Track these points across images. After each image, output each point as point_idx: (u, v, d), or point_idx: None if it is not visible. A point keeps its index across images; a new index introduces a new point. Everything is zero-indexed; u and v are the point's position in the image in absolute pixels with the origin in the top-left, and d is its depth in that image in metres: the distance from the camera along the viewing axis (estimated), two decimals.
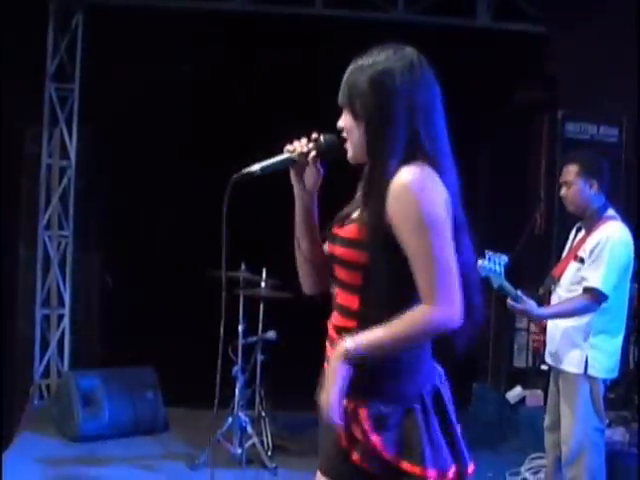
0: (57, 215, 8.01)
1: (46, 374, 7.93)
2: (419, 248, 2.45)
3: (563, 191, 5.00)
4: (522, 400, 7.15)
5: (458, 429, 2.66)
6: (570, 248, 5.04)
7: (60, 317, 8.02)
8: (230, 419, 6.30)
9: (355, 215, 2.65)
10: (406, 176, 2.47)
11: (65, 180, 7.99)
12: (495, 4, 8.15)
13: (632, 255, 4.82)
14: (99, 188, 8.56)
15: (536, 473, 5.93)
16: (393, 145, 2.53)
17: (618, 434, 5.89)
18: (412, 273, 2.47)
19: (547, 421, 5.16)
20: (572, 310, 4.78)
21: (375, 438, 2.54)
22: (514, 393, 7.18)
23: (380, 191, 2.50)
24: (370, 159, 2.60)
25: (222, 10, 8.05)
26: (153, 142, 9.10)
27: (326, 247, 2.76)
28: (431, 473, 2.53)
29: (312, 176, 2.74)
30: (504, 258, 4.60)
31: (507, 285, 4.65)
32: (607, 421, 5.83)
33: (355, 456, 2.59)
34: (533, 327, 5.27)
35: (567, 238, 5.21)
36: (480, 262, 4.49)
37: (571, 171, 4.94)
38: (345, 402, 2.56)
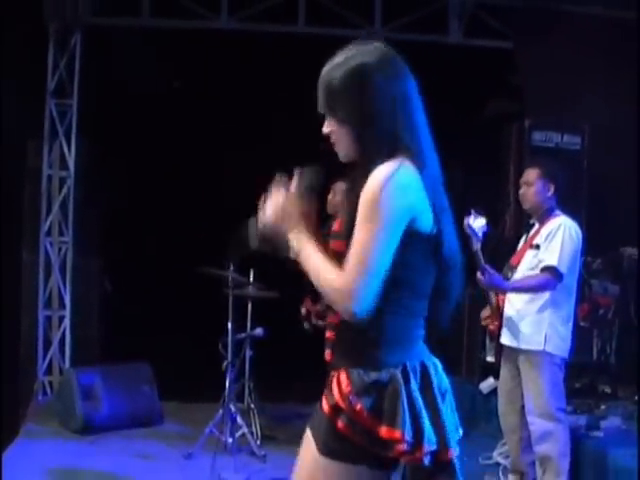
0: (58, 222, 8.04)
1: (49, 371, 7.96)
2: (361, 233, 2.37)
3: (522, 190, 5.25)
4: (494, 390, 7.20)
5: (443, 414, 2.50)
6: (526, 240, 5.20)
7: (61, 318, 8.05)
8: (221, 411, 6.34)
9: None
10: (379, 172, 2.38)
11: (65, 190, 8.03)
12: (466, 22, 8.25)
13: (580, 245, 5.03)
14: (97, 197, 8.58)
15: (507, 457, 5.98)
16: (376, 144, 2.44)
17: (582, 420, 5.96)
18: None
19: (503, 407, 5.26)
20: (533, 285, 4.98)
21: (357, 403, 2.41)
22: (487, 384, 7.22)
23: (360, 187, 2.42)
24: (357, 157, 2.52)
25: (209, 28, 8.11)
26: (147, 153, 9.13)
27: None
28: (407, 438, 2.40)
29: (303, 205, 2.57)
30: (484, 222, 4.70)
31: (480, 252, 4.76)
32: (572, 407, 5.95)
33: (340, 424, 2.44)
34: (486, 313, 5.35)
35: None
36: (466, 220, 4.61)
37: (532, 174, 5.20)
38: (335, 371, 2.50)
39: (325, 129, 2.56)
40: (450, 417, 2.55)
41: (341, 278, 2.38)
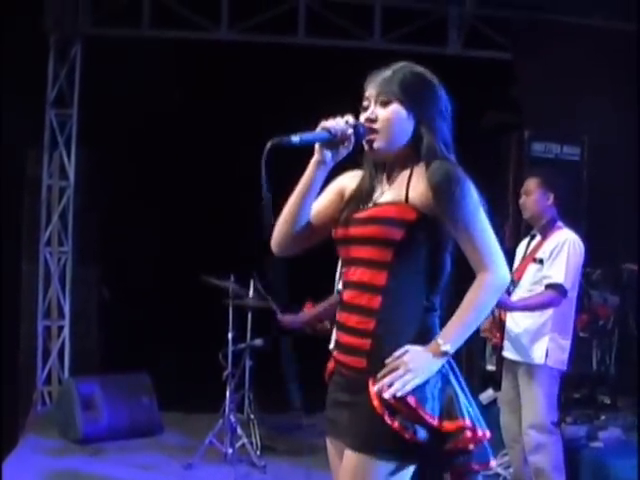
0: (57, 232, 8.05)
1: (48, 381, 7.95)
2: (474, 225, 2.59)
3: (522, 199, 5.25)
4: (494, 401, 7.20)
5: (470, 396, 2.65)
6: (526, 253, 5.19)
7: (60, 328, 8.04)
8: (221, 421, 6.34)
9: (382, 200, 2.72)
10: (452, 168, 2.62)
11: (64, 199, 8.04)
12: (465, 33, 8.27)
13: (582, 259, 5.04)
14: (96, 207, 8.59)
15: (507, 468, 5.97)
16: (437, 140, 2.67)
17: (582, 430, 5.96)
18: (464, 249, 2.61)
19: (504, 417, 5.26)
20: (539, 304, 4.96)
21: (413, 401, 2.50)
22: (486, 395, 7.21)
23: (420, 179, 2.63)
24: (414, 154, 2.69)
25: (209, 39, 8.14)
26: (147, 163, 9.13)
27: (335, 231, 2.79)
28: (468, 424, 2.54)
29: (339, 154, 2.73)
30: None
31: None
32: (572, 418, 5.96)
33: (395, 424, 2.50)
34: (485, 326, 5.34)
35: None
36: None
37: (532, 182, 5.21)
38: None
39: (376, 114, 2.70)
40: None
41: (493, 273, 2.60)
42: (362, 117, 2.72)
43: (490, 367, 5.70)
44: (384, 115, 2.69)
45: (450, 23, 8.33)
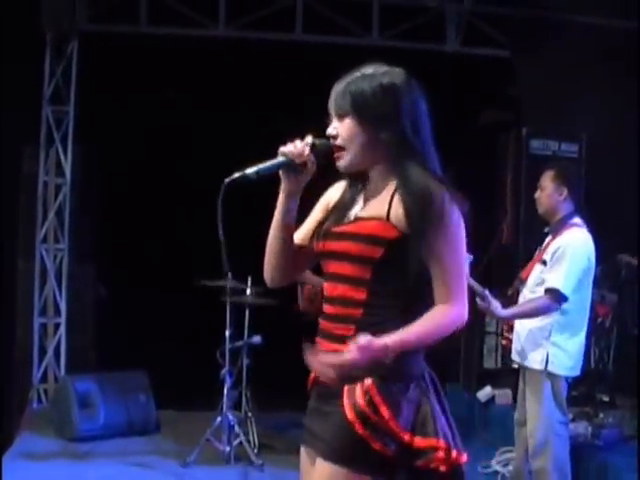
0: (53, 229, 8.02)
1: (44, 379, 7.92)
2: (446, 254, 2.51)
3: (537, 193, 5.08)
4: (492, 399, 7.20)
5: (451, 418, 2.62)
6: (538, 252, 5.09)
7: (57, 325, 8.01)
8: (218, 419, 6.32)
9: (363, 214, 2.63)
10: (431, 185, 2.52)
11: (61, 196, 8.01)
12: (463, 30, 8.26)
13: (592, 260, 4.84)
14: (93, 204, 8.56)
15: (505, 465, 5.98)
16: (397, 150, 2.57)
17: (581, 428, 5.95)
18: (432, 273, 2.52)
19: (517, 416, 5.19)
20: (533, 310, 4.80)
21: (387, 413, 2.46)
22: (484, 392, 7.22)
23: (394, 194, 2.56)
24: (385, 164, 2.61)
25: (207, 36, 8.12)
26: (144, 160, 9.11)
27: (316, 244, 2.71)
28: (442, 444, 2.50)
29: (303, 177, 2.65)
30: (470, 257, 4.63)
31: (474, 283, 4.64)
32: (571, 416, 5.92)
33: (366, 434, 2.47)
34: (504, 325, 5.29)
35: (533, 246, 5.28)
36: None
37: (547, 176, 5.02)
38: (355, 385, 2.51)
39: (334, 130, 2.63)
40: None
41: (453, 308, 2.53)
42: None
43: (490, 365, 5.67)
44: (342, 131, 2.62)
45: (448, 20, 8.32)
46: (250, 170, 2.56)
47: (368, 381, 2.50)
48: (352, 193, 2.73)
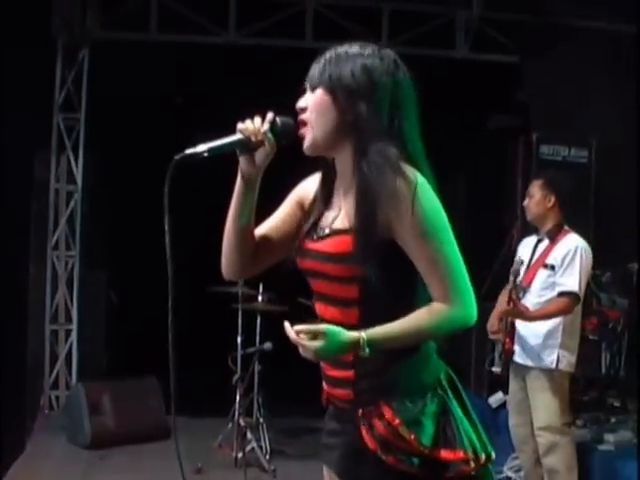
0: (65, 236, 8.06)
1: (55, 386, 7.95)
2: (438, 251, 2.25)
3: (526, 201, 5.27)
4: (503, 404, 7.18)
5: (475, 415, 2.42)
6: (532, 257, 5.17)
7: (68, 332, 8.05)
8: (230, 425, 6.32)
9: (338, 225, 2.37)
10: (406, 181, 2.23)
11: (72, 203, 8.05)
12: (472, 36, 8.27)
13: (591, 264, 5.08)
14: (104, 211, 8.61)
15: (517, 471, 5.95)
16: (378, 141, 2.29)
17: (592, 433, 5.94)
18: (424, 277, 2.28)
19: (513, 419, 5.26)
20: (556, 311, 4.97)
21: (407, 433, 2.29)
22: (496, 398, 7.20)
23: (373, 196, 2.25)
24: (353, 151, 2.34)
25: (217, 43, 8.14)
26: (153, 167, 9.10)
27: (294, 258, 2.49)
28: (470, 455, 2.31)
29: (264, 156, 2.40)
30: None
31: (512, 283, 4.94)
32: (582, 421, 5.95)
33: (392, 459, 2.30)
34: (495, 327, 5.30)
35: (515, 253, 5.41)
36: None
37: (535, 184, 5.25)
38: (368, 407, 2.36)
39: (304, 102, 2.40)
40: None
41: (455, 307, 2.28)
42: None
43: (495, 369, 5.69)
44: (310, 102, 2.37)
45: (457, 26, 8.33)
46: (202, 147, 2.34)
47: (383, 404, 2.34)
48: (325, 191, 2.50)
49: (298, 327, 2.23)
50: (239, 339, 6.44)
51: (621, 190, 7.49)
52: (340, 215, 2.38)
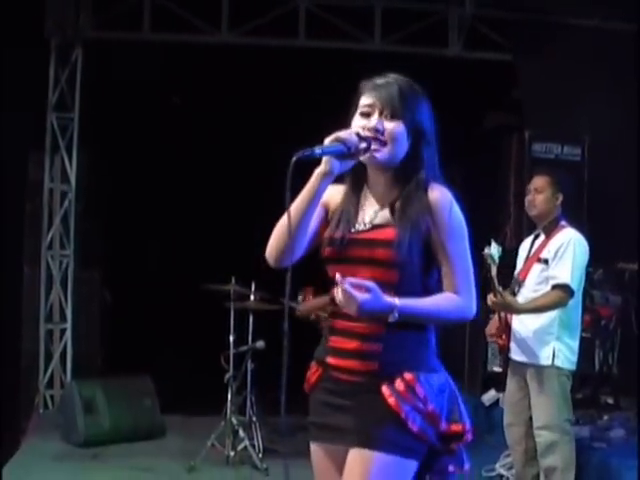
0: (59, 236, 8.04)
1: (50, 385, 7.93)
2: (461, 252, 2.69)
3: (530, 196, 5.19)
4: (496, 402, 7.17)
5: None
6: (530, 252, 5.15)
7: (62, 331, 8.03)
8: (223, 424, 6.30)
9: (380, 220, 2.73)
10: (446, 192, 2.70)
11: (66, 203, 8.02)
12: (465, 35, 8.25)
13: (588, 258, 5.01)
14: (98, 210, 8.58)
15: (510, 469, 5.94)
16: (432, 162, 2.73)
17: (585, 431, 5.93)
18: (444, 270, 2.68)
19: (509, 418, 5.21)
20: (546, 305, 4.91)
21: (430, 405, 2.62)
22: (489, 396, 7.19)
23: (422, 201, 2.68)
24: (411, 172, 2.71)
25: (210, 42, 8.12)
26: (148, 167, 9.13)
27: (326, 250, 2.75)
28: (468, 427, 2.71)
29: (344, 167, 2.69)
30: (500, 249, 4.71)
31: (495, 277, 4.76)
32: (575, 418, 5.91)
33: (414, 426, 2.61)
34: (492, 330, 5.29)
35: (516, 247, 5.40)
36: (486, 250, 4.63)
37: (542, 180, 5.17)
38: (393, 377, 2.64)
39: (379, 125, 2.68)
40: None
41: (464, 299, 2.70)
42: (364, 123, 2.69)
43: (496, 368, 5.66)
44: (393, 129, 2.68)
45: (450, 24, 8.30)
46: (317, 149, 2.58)
47: (408, 375, 2.63)
48: (355, 198, 2.80)
49: (350, 279, 2.57)
50: (231, 337, 6.41)
51: (614, 188, 7.48)
52: (379, 215, 2.75)
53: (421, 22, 8.18)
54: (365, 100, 2.71)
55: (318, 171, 2.65)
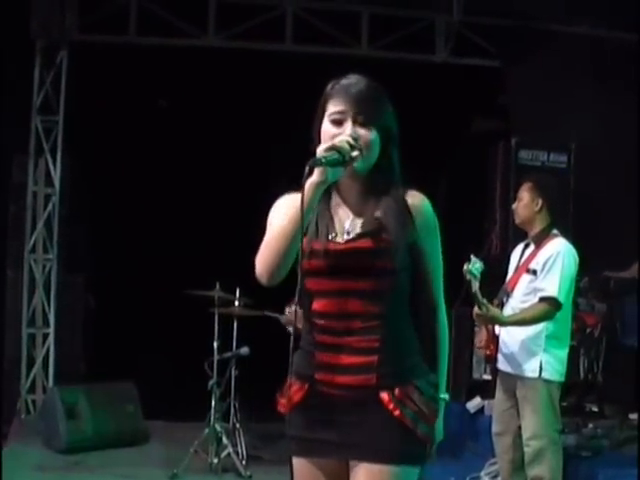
0: (42, 239, 7.98)
1: (32, 390, 7.87)
2: (438, 252, 2.73)
3: (514, 205, 5.13)
4: (481, 409, 7.16)
5: None
6: (519, 262, 5.10)
7: (45, 336, 7.97)
8: (206, 430, 6.26)
9: (368, 228, 2.64)
10: (423, 197, 2.70)
11: (50, 207, 7.97)
12: (452, 41, 8.25)
13: (577, 268, 4.92)
14: (81, 214, 8.53)
15: (495, 477, 5.93)
16: (399, 165, 2.71)
17: (571, 439, 5.91)
18: (425, 270, 2.71)
19: (497, 427, 5.17)
20: (532, 317, 4.83)
21: (432, 409, 2.67)
22: (474, 403, 7.17)
23: (404, 207, 2.65)
24: (385, 178, 2.67)
25: (196, 46, 8.09)
26: (133, 171, 9.08)
27: (308, 262, 2.63)
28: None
29: (337, 176, 2.58)
30: (481, 264, 4.64)
31: (479, 292, 4.69)
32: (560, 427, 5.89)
33: (420, 433, 2.62)
34: (481, 341, 5.26)
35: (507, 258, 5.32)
36: (466, 266, 4.56)
37: (524, 187, 5.07)
38: (392, 387, 2.61)
39: (353, 132, 2.60)
40: None
41: (442, 313, 2.79)
42: (336, 132, 2.60)
43: (485, 377, 5.62)
44: (368, 136, 2.60)
45: (437, 30, 8.32)
46: (323, 159, 2.51)
47: (407, 382, 2.63)
48: (326, 207, 2.71)
49: None
50: (215, 344, 6.38)
51: (600, 195, 7.49)
52: (358, 222, 2.67)
53: (408, 28, 8.18)
54: (335, 106, 2.62)
55: (312, 181, 2.51)
